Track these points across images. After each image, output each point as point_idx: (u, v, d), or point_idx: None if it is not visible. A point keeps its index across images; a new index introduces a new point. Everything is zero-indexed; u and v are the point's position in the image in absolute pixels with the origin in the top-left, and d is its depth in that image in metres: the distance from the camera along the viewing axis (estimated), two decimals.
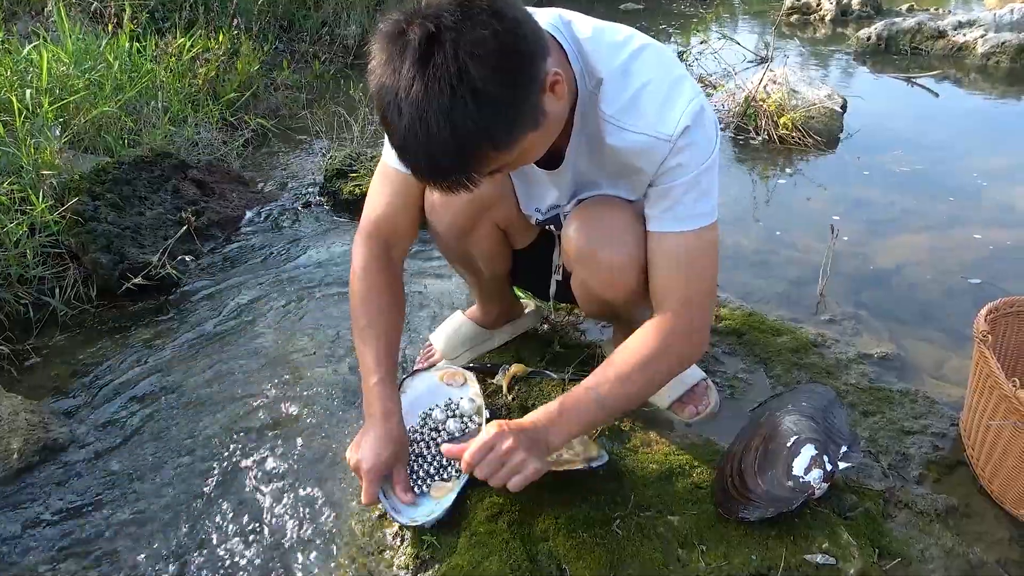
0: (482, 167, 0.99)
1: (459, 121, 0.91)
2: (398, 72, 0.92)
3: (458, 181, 1.00)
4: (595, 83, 1.13)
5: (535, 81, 0.98)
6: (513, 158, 1.03)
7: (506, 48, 0.92)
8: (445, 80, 0.89)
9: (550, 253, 1.53)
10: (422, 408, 1.47)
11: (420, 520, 1.25)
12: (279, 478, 1.45)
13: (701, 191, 1.17)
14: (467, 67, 0.89)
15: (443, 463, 1.35)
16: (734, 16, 6.93)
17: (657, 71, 1.13)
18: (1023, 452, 1.26)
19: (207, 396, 1.69)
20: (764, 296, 2.08)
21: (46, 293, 2.03)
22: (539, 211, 1.38)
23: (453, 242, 1.44)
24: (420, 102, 0.90)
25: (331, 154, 2.90)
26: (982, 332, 1.37)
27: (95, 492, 1.43)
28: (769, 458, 1.30)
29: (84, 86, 2.64)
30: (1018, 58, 4.66)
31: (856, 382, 1.68)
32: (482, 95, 0.91)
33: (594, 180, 1.27)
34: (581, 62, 1.12)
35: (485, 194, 1.33)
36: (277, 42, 4.35)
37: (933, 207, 2.69)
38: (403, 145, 0.95)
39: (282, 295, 2.11)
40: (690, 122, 1.11)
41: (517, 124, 0.97)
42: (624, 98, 1.12)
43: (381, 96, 0.95)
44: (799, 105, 3.39)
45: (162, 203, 2.40)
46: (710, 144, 1.15)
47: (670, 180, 1.16)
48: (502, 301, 1.74)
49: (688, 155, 1.13)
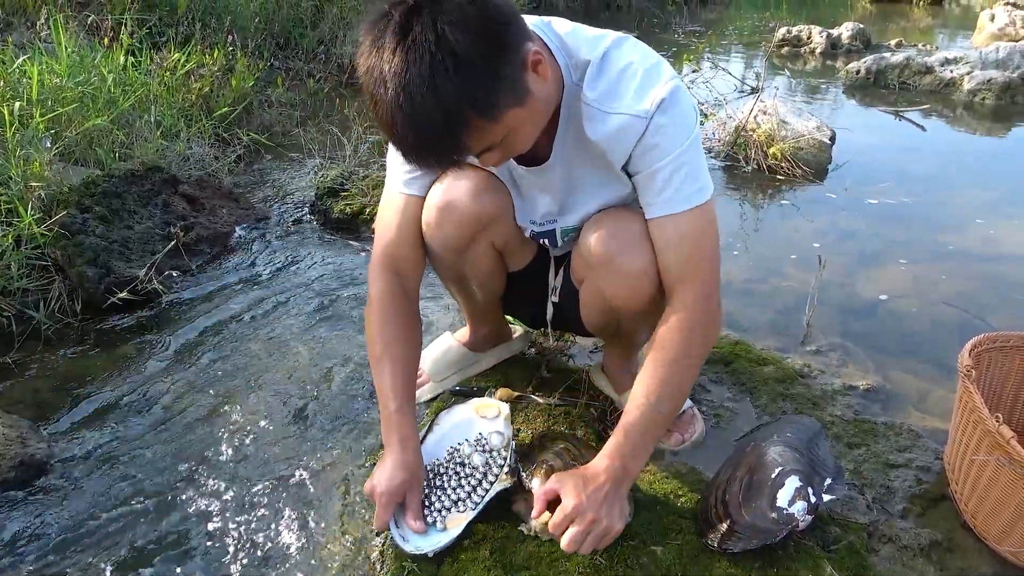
0: (469, 137, 1.01)
1: (440, 85, 0.94)
2: (381, 50, 0.96)
3: (445, 154, 1.02)
4: (579, 75, 1.16)
5: (514, 50, 1.02)
6: (500, 135, 1.05)
7: (484, 15, 0.97)
8: (424, 47, 0.93)
9: (544, 278, 1.53)
10: (451, 442, 1.43)
11: (425, 549, 1.23)
12: (261, 498, 1.43)
13: (688, 171, 1.17)
14: (444, 33, 0.94)
15: (461, 496, 1.31)
16: (726, 46, 7.03)
17: (635, 56, 1.16)
18: (1006, 487, 1.27)
19: (190, 413, 1.67)
20: (751, 325, 2.09)
21: (29, 306, 2.01)
22: (534, 222, 1.38)
23: (449, 260, 1.44)
24: (401, 72, 0.94)
25: (323, 172, 2.90)
26: (966, 367, 1.38)
27: (72, 509, 1.41)
28: (754, 489, 1.29)
29: (77, 98, 2.64)
30: (1003, 95, 4.75)
31: (841, 414, 1.69)
32: (461, 59, 0.94)
33: (581, 177, 1.28)
34: (565, 56, 1.16)
35: (483, 211, 1.34)
36: (273, 59, 4.36)
37: (919, 239, 2.72)
38: (391, 120, 0.97)
39: (269, 312, 2.10)
40: (665, 96, 1.13)
41: (499, 92, 1.00)
42: (604, 83, 1.15)
43: (368, 76, 0.98)
44: (788, 136, 3.43)
45: (151, 217, 2.39)
46: (688, 121, 1.16)
47: (653, 162, 1.16)
48: (492, 324, 1.73)
49: (666, 134, 1.14)
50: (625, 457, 1.20)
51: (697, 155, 1.19)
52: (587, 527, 1.15)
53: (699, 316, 1.22)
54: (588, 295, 1.39)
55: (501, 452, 1.40)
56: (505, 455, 1.39)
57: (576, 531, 1.15)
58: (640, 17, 8.26)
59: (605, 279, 1.30)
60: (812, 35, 6.52)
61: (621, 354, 1.62)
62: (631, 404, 1.22)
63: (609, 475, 1.19)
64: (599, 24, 1.25)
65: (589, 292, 1.38)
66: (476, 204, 1.32)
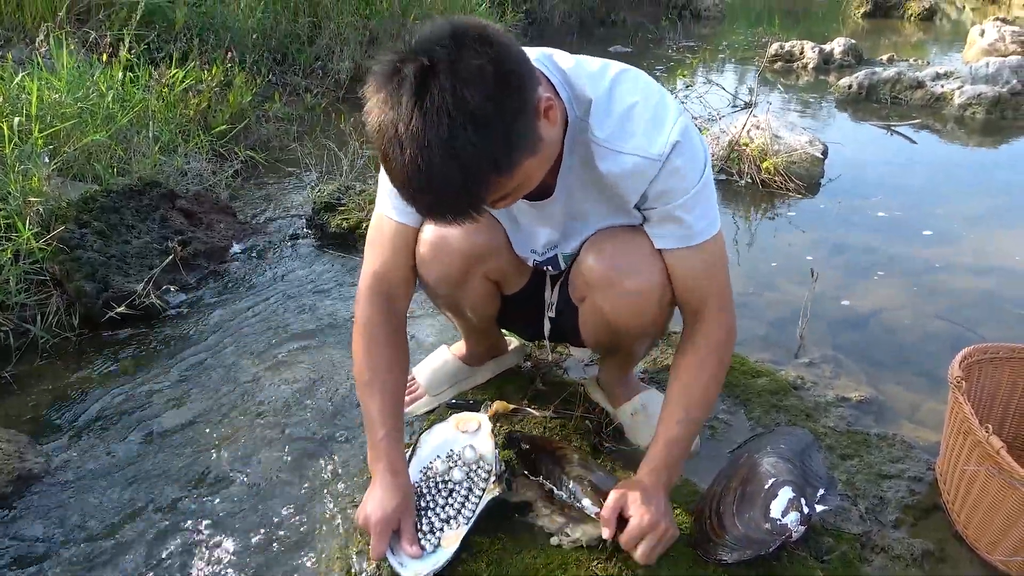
0: (486, 195, 1.00)
1: (461, 148, 0.92)
2: (396, 109, 0.93)
3: (462, 212, 1.01)
4: (583, 110, 1.17)
5: (529, 103, 1.01)
6: (514, 185, 1.04)
7: (499, 72, 0.95)
8: (443, 110, 0.91)
9: (539, 295, 1.53)
10: (427, 461, 1.44)
11: (424, 572, 1.22)
12: (257, 515, 1.44)
13: (704, 206, 1.22)
14: (463, 95, 0.92)
15: (451, 514, 1.32)
16: (720, 62, 7.10)
17: (640, 93, 1.18)
18: (997, 497, 1.28)
19: (187, 428, 1.68)
20: (745, 338, 2.11)
21: (27, 320, 2.01)
22: (535, 252, 1.39)
23: (443, 292, 1.44)
24: (420, 135, 0.92)
25: (320, 187, 2.92)
26: (956, 378, 1.40)
27: (70, 524, 1.41)
28: (747, 500, 1.31)
29: (75, 114, 2.66)
30: (993, 109, 4.80)
31: (834, 425, 1.70)
32: (480, 120, 0.93)
33: (585, 210, 1.29)
34: (568, 91, 1.16)
35: (477, 247, 1.35)
36: (270, 75, 4.39)
37: (911, 252, 2.75)
38: (406, 180, 0.96)
39: (266, 328, 2.11)
40: (679, 138, 1.15)
41: (517, 147, 0.99)
42: (612, 122, 1.16)
43: (381, 134, 0.96)
44: (781, 150, 3.46)
45: (149, 232, 2.40)
46: (699, 162, 1.19)
47: (671, 200, 1.19)
48: (488, 340, 1.75)
49: (682, 175, 1.17)
50: (670, 468, 1.29)
51: (710, 189, 1.23)
52: (659, 538, 1.21)
53: (723, 336, 1.31)
54: (588, 313, 1.40)
55: (482, 464, 1.40)
56: (487, 467, 1.39)
57: (651, 544, 1.20)
58: (634, 32, 8.33)
59: (606, 299, 1.31)
60: (804, 50, 6.59)
61: (619, 368, 1.63)
62: (670, 419, 1.29)
63: (664, 487, 1.28)
64: (594, 40, 1.27)
65: (590, 311, 1.39)
66: (469, 241, 1.33)
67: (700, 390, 1.29)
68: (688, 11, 10.09)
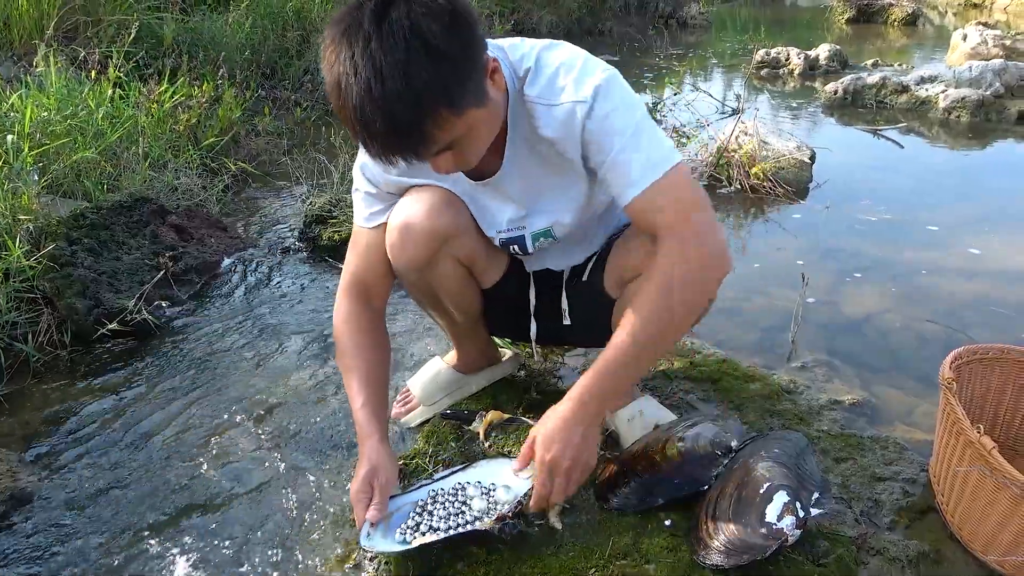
0: (434, 127, 1.03)
1: (414, 73, 0.97)
2: (354, 36, 0.99)
3: (410, 147, 1.04)
4: (521, 82, 1.23)
5: (480, 53, 1.08)
6: (460, 133, 1.08)
7: (456, 12, 1.01)
8: (401, 36, 0.97)
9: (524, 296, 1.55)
10: (465, 480, 1.42)
11: (378, 549, 1.25)
12: (253, 531, 1.43)
13: (647, 146, 1.18)
14: (421, 24, 0.98)
15: (439, 527, 1.30)
16: (706, 69, 7.15)
17: (566, 56, 1.23)
18: (990, 497, 1.29)
19: (181, 444, 1.67)
20: (738, 343, 2.12)
21: (18, 339, 2.00)
22: (500, 231, 1.42)
23: (417, 279, 1.47)
24: (377, 58, 0.97)
25: (311, 200, 2.92)
26: (947, 379, 1.41)
27: (64, 543, 1.40)
28: (743, 504, 1.31)
29: (65, 131, 2.66)
30: (977, 112, 4.85)
31: (828, 428, 1.71)
32: (435, 50, 0.99)
33: (540, 183, 1.32)
34: (509, 67, 1.22)
35: (443, 225, 1.37)
36: (259, 89, 4.40)
37: (900, 255, 2.77)
38: (359, 108, 0.99)
39: (259, 341, 2.11)
40: (601, 82, 1.18)
41: (466, 87, 1.05)
42: (543, 80, 1.21)
43: (336, 62, 1.00)
44: (769, 156, 3.49)
45: (140, 248, 2.40)
46: (630, 101, 1.21)
47: (611, 148, 1.18)
48: (479, 345, 1.75)
49: (614, 117, 1.18)
50: (603, 396, 1.23)
51: (651, 130, 1.19)
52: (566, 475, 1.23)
53: (692, 262, 1.18)
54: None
55: (505, 506, 1.35)
56: (503, 507, 1.34)
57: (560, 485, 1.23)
58: (622, 42, 8.38)
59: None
60: (790, 57, 6.64)
61: None
62: (609, 345, 1.21)
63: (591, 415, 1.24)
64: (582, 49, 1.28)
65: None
66: (434, 220, 1.36)
67: (647, 314, 1.19)
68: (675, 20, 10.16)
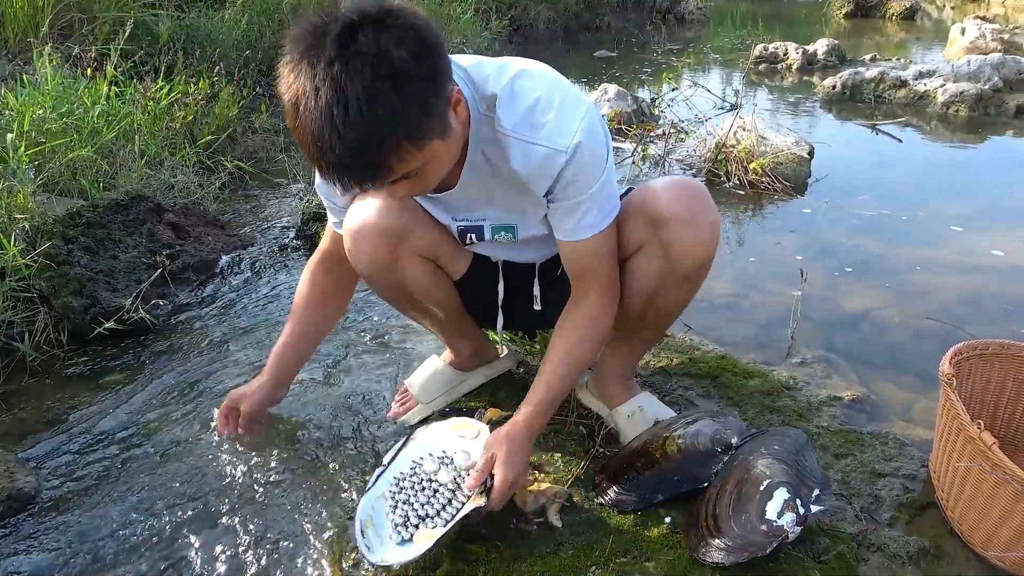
0: (392, 161, 1.01)
1: (379, 102, 0.94)
2: (317, 59, 0.95)
3: (365, 176, 1.03)
4: (487, 106, 1.20)
5: (447, 79, 1.05)
6: (418, 165, 1.06)
7: (425, 40, 0.99)
8: (367, 61, 0.93)
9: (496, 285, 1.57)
10: (416, 455, 1.45)
11: (391, 562, 1.24)
12: (252, 529, 1.42)
13: (605, 199, 1.29)
14: (389, 50, 0.94)
15: (430, 513, 1.32)
16: (704, 64, 7.14)
17: (543, 88, 1.21)
18: (990, 493, 1.29)
19: (178, 444, 1.66)
20: (737, 340, 2.11)
21: (14, 338, 2.00)
22: (455, 219, 1.42)
23: (381, 279, 1.48)
24: (340, 81, 0.93)
25: (308, 197, 2.91)
26: (947, 375, 1.41)
27: (62, 544, 1.40)
28: (743, 502, 1.31)
29: (61, 130, 2.64)
30: (976, 107, 4.85)
31: (827, 424, 1.71)
32: (401, 78, 0.95)
33: (496, 192, 1.33)
34: (471, 88, 1.20)
35: (396, 223, 1.38)
36: (256, 86, 4.38)
37: (899, 251, 2.76)
38: (317, 132, 0.96)
39: (257, 340, 2.10)
40: (582, 139, 1.19)
41: (431, 119, 1.02)
42: (519, 113, 1.19)
43: (295, 83, 0.97)
44: (768, 151, 3.48)
45: (136, 246, 2.38)
46: (603, 157, 1.24)
47: (574, 196, 1.25)
48: (470, 340, 1.74)
49: (586, 171, 1.22)
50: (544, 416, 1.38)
51: (611, 184, 1.30)
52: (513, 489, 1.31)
53: (604, 307, 1.38)
54: (646, 260, 1.38)
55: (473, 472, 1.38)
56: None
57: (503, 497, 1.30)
58: (619, 37, 8.37)
59: (679, 234, 1.33)
60: (788, 52, 6.64)
61: (625, 360, 1.63)
62: (553, 374, 1.37)
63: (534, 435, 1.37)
64: (579, 45, 1.29)
65: (647, 259, 1.38)
66: (386, 219, 1.37)
67: (584, 351, 1.38)
68: (672, 15, 10.16)
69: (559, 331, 1.40)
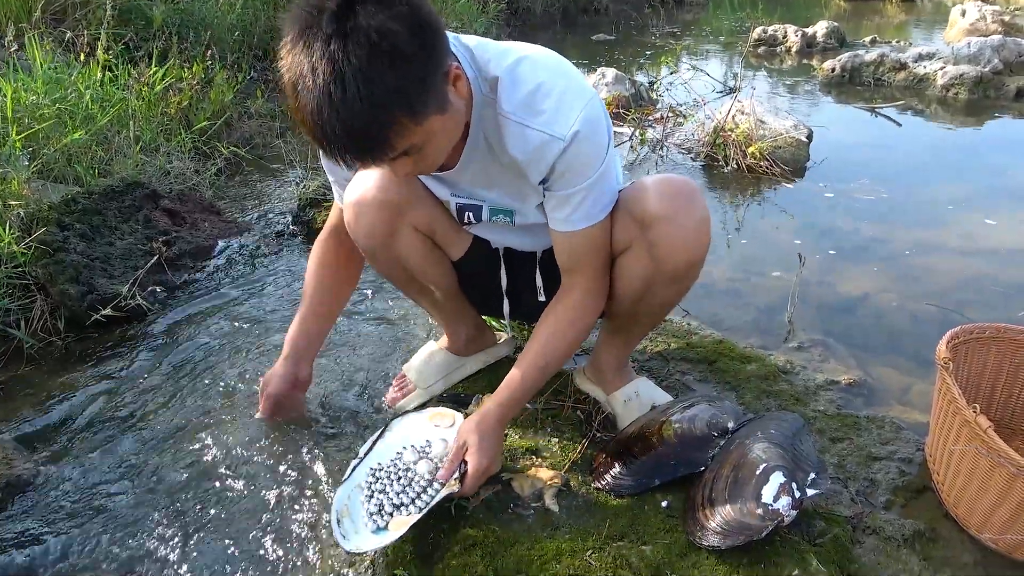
0: (393, 137, 1.02)
1: (376, 78, 0.95)
2: (314, 38, 0.95)
3: (365, 153, 1.03)
4: (489, 87, 1.20)
5: (443, 61, 1.05)
6: (418, 140, 1.06)
7: (421, 17, 0.99)
8: (365, 37, 0.94)
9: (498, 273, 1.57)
10: (396, 448, 1.46)
11: (364, 549, 1.25)
12: (248, 515, 1.43)
13: (601, 191, 1.28)
14: (387, 26, 0.94)
15: (404, 502, 1.33)
16: (703, 47, 7.09)
17: (547, 73, 1.20)
18: (985, 476, 1.29)
19: (176, 429, 1.67)
20: (734, 324, 2.11)
21: (11, 325, 1.99)
22: (455, 195, 1.41)
23: (379, 253, 1.48)
24: (338, 59, 0.94)
25: (304, 183, 2.90)
26: (944, 359, 1.41)
27: (61, 530, 1.40)
28: (739, 485, 1.31)
29: (54, 115, 2.63)
30: (976, 89, 4.82)
31: (824, 408, 1.71)
32: (399, 54, 0.96)
33: (496, 177, 1.32)
34: (475, 69, 1.19)
35: (395, 195, 1.38)
36: (252, 71, 4.35)
37: (897, 235, 2.76)
38: (315, 110, 0.96)
39: (254, 326, 2.09)
40: (581, 128, 1.17)
41: (428, 95, 1.02)
42: (520, 97, 1.18)
43: (294, 63, 0.97)
44: (766, 135, 3.47)
45: (132, 233, 2.38)
46: (602, 147, 1.22)
47: (569, 186, 1.24)
48: (467, 324, 1.74)
49: (582, 161, 1.21)
50: (518, 405, 1.41)
51: (609, 178, 1.28)
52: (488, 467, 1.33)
53: (589, 302, 1.39)
54: (633, 260, 1.37)
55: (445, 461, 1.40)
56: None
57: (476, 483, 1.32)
58: (618, 20, 8.31)
59: (670, 232, 1.30)
60: (788, 34, 6.59)
61: (621, 348, 1.62)
62: (532, 364, 1.38)
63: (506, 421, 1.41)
64: (577, 29, 1.27)
65: (635, 257, 1.36)
66: (385, 192, 1.37)
67: (564, 344, 1.39)
68: None
69: (542, 322, 1.40)
